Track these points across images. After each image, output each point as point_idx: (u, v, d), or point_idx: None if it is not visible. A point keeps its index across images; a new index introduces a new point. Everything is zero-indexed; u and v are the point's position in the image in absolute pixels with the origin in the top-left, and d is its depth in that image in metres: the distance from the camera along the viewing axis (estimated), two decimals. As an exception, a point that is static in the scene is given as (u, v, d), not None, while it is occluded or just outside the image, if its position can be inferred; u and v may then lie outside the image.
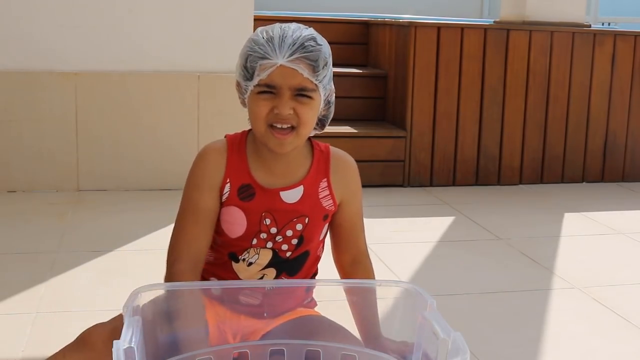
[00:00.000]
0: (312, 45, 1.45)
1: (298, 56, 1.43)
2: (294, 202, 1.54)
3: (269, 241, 1.54)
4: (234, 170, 1.54)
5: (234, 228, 1.53)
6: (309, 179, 1.55)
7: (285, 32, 1.46)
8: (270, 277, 1.57)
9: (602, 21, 8.50)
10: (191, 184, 1.56)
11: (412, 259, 3.00)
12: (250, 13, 3.96)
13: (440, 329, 1.23)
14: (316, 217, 1.56)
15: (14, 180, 3.77)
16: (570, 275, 2.88)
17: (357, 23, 5.05)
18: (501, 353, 2.19)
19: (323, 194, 1.57)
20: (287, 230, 1.54)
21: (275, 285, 1.55)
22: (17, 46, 3.73)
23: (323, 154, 1.59)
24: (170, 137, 3.90)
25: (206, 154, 1.58)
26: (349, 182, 1.60)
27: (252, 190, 1.53)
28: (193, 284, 1.51)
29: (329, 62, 1.49)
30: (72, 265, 2.74)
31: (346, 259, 1.65)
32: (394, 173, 4.27)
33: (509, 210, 3.89)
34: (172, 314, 1.37)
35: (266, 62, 1.44)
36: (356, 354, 1.38)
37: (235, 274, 1.56)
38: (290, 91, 1.45)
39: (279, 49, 1.44)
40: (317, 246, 1.62)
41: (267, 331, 1.51)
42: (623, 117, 4.66)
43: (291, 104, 1.45)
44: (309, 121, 1.49)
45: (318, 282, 1.60)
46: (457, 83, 4.34)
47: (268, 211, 1.53)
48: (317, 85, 1.47)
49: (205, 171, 1.55)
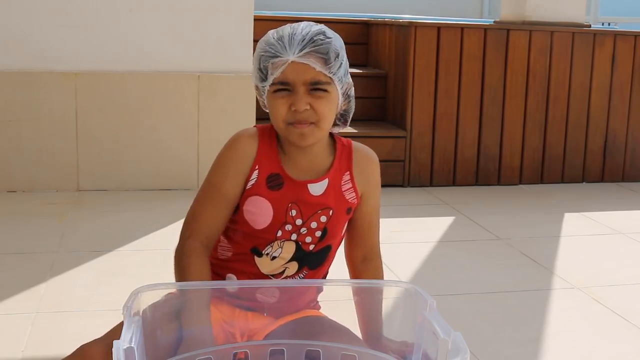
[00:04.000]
0: (321, 39, 1.47)
1: (308, 50, 1.46)
2: (319, 194, 1.56)
3: (293, 233, 1.55)
4: (264, 158, 1.55)
5: (259, 219, 1.54)
6: (332, 172, 1.57)
7: (294, 30, 1.48)
8: (292, 270, 1.57)
9: (602, 21, 8.50)
10: (218, 166, 1.56)
11: (412, 259, 3.00)
12: (250, 13, 3.96)
13: (440, 329, 1.22)
14: (340, 210, 1.58)
15: (14, 180, 3.77)
16: (570, 275, 2.88)
17: (357, 23, 5.05)
18: (501, 353, 2.19)
19: (346, 186, 1.59)
20: (312, 222, 1.55)
21: (283, 285, 1.55)
22: (17, 46, 3.73)
23: (345, 148, 1.61)
24: (170, 137, 3.90)
25: (238, 138, 1.57)
26: (370, 177, 1.63)
27: (281, 180, 1.54)
28: (193, 284, 1.50)
29: (342, 54, 1.51)
30: (71, 265, 2.74)
31: (358, 255, 1.67)
32: (394, 173, 4.27)
33: (509, 210, 3.89)
34: (175, 313, 1.37)
35: (278, 60, 1.46)
36: (356, 354, 1.38)
37: (257, 268, 1.56)
38: (304, 86, 1.47)
39: (289, 45, 1.46)
40: (338, 242, 1.63)
41: (270, 331, 1.51)
42: (623, 117, 4.66)
43: (307, 99, 1.47)
44: (328, 115, 1.51)
45: (322, 282, 1.60)
46: (457, 83, 4.34)
47: (294, 202, 1.54)
48: (331, 78, 1.49)
49: (234, 155, 1.55)
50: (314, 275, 1.61)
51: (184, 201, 3.66)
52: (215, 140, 3.97)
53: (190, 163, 3.93)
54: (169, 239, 1.58)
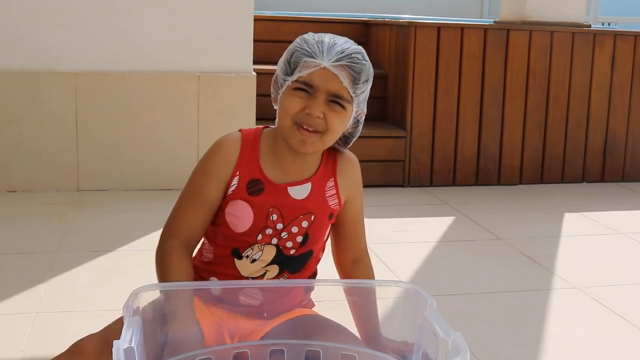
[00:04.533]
0: (358, 59, 1.48)
1: (343, 63, 1.46)
2: (301, 198, 1.55)
3: (274, 237, 1.55)
4: (245, 164, 1.55)
5: (240, 222, 1.54)
6: (317, 177, 1.57)
7: (335, 40, 1.49)
8: (272, 273, 1.57)
9: (602, 21, 8.50)
10: (200, 170, 1.57)
11: (412, 259, 3.00)
12: (250, 13, 3.96)
13: (440, 329, 1.22)
14: (322, 215, 1.57)
15: (14, 180, 3.77)
16: (570, 275, 2.88)
17: (357, 23, 5.05)
18: (501, 353, 2.19)
19: (330, 192, 1.58)
20: (293, 226, 1.55)
21: (275, 285, 1.55)
22: (17, 46, 3.73)
23: (331, 153, 1.61)
24: (170, 137, 3.90)
25: (221, 144, 1.58)
26: (353, 181, 1.63)
27: (261, 185, 1.54)
28: (192, 284, 1.51)
29: (370, 81, 1.52)
30: (71, 265, 2.74)
31: (347, 258, 1.66)
32: (394, 173, 4.27)
33: (509, 210, 3.89)
34: (165, 315, 1.37)
35: (311, 61, 1.46)
36: (356, 354, 1.38)
37: (237, 270, 1.56)
38: (325, 95, 1.47)
39: (327, 52, 1.46)
40: (320, 247, 1.62)
41: (266, 331, 1.51)
42: (623, 117, 4.66)
43: (323, 108, 1.47)
44: (336, 130, 1.51)
45: (318, 282, 1.60)
46: (457, 83, 4.34)
47: (275, 207, 1.54)
48: (352, 98, 1.49)
49: (216, 161, 1.56)
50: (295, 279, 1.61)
51: (184, 201, 3.67)
52: (215, 140, 3.97)
53: (190, 163, 3.91)
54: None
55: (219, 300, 1.52)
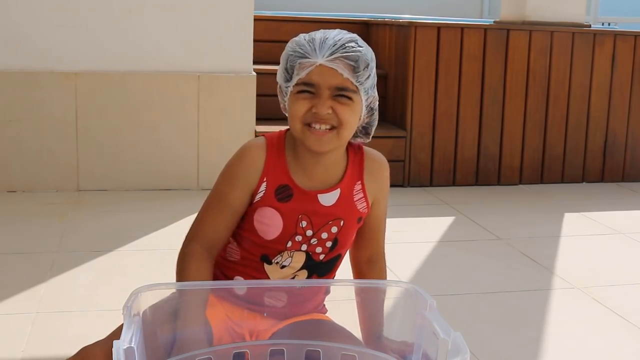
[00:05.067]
0: (352, 47, 1.45)
1: (338, 56, 1.44)
2: (330, 205, 1.54)
3: (303, 244, 1.54)
4: (272, 170, 1.53)
5: (269, 230, 1.52)
6: (345, 182, 1.55)
7: (327, 35, 1.47)
8: (301, 278, 1.57)
9: (602, 21, 8.50)
10: (225, 177, 1.55)
11: (412, 259, 3.00)
12: (250, 13, 3.96)
13: (440, 329, 1.22)
14: (351, 220, 1.57)
15: (14, 180, 3.77)
16: (570, 275, 2.88)
17: (357, 23, 5.05)
18: (501, 353, 2.19)
19: (358, 196, 1.57)
20: (323, 233, 1.54)
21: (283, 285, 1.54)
22: (17, 46, 3.73)
23: (357, 155, 1.59)
24: (170, 137, 3.90)
25: (247, 150, 1.55)
26: (381, 182, 1.61)
27: (290, 192, 1.52)
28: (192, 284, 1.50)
29: (371, 65, 1.49)
30: (71, 265, 2.74)
31: (363, 256, 1.66)
32: (394, 173, 4.26)
33: (509, 210, 3.89)
34: (174, 312, 1.37)
35: (306, 61, 1.45)
36: (356, 354, 1.38)
37: (267, 274, 1.55)
38: (329, 91, 1.45)
39: (319, 48, 1.44)
40: (347, 249, 1.62)
41: (273, 332, 1.51)
42: (623, 117, 4.66)
43: (330, 104, 1.45)
44: (349, 122, 1.48)
45: (323, 282, 1.60)
46: (457, 83, 4.34)
47: (305, 214, 1.52)
48: (357, 87, 1.46)
49: (241, 168, 1.53)
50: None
51: (184, 201, 3.68)
52: (215, 140, 3.98)
53: (190, 163, 3.93)
54: (169, 239, 1.58)
55: (242, 298, 1.51)
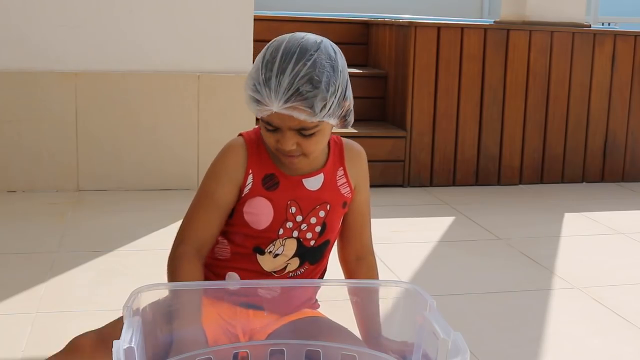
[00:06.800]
0: (307, 90, 1.39)
1: (292, 103, 1.40)
2: (316, 189, 1.57)
3: (294, 230, 1.56)
4: (256, 162, 1.56)
5: (260, 219, 1.55)
6: (328, 167, 1.59)
7: (284, 68, 1.40)
8: (293, 266, 1.59)
9: (602, 21, 8.50)
10: (211, 176, 1.57)
11: (412, 259, 3.00)
12: (250, 13, 3.96)
13: (440, 329, 1.22)
14: (336, 204, 1.60)
15: (14, 180, 3.77)
16: (570, 275, 2.88)
17: (357, 23, 5.05)
18: (501, 353, 2.19)
19: (341, 181, 1.61)
20: (312, 217, 1.57)
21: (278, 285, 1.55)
22: (17, 46, 3.73)
23: (337, 144, 1.63)
24: (170, 137, 3.90)
25: (229, 148, 1.58)
26: (360, 170, 1.65)
27: (276, 179, 1.56)
28: (193, 284, 1.50)
29: (334, 90, 1.43)
30: (71, 265, 2.74)
31: (351, 254, 1.67)
32: (394, 173, 4.27)
33: (509, 210, 3.89)
34: (169, 314, 1.37)
35: (262, 107, 1.44)
36: (356, 354, 1.38)
37: (260, 265, 1.57)
38: (291, 130, 1.45)
39: (274, 94, 1.40)
40: (335, 237, 1.65)
41: (271, 331, 1.51)
42: (623, 117, 4.66)
43: (295, 140, 1.47)
44: (318, 148, 1.51)
45: (320, 282, 1.60)
46: (457, 83, 4.34)
47: (293, 199, 1.56)
48: (320, 122, 1.45)
49: (226, 164, 1.56)
50: (314, 269, 1.62)
51: (184, 201, 3.66)
52: (215, 140, 3.97)
53: (190, 163, 3.93)
54: (169, 239, 1.58)
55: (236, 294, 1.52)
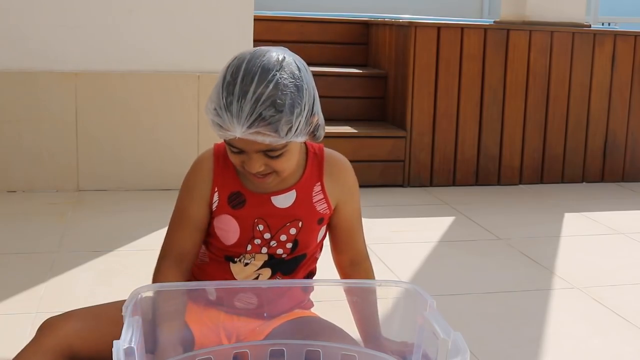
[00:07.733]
0: (271, 115, 1.33)
1: (256, 129, 1.34)
2: (286, 206, 1.53)
3: (263, 247, 1.54)
4: (221, 179, 1.53)
5: (227, 235, 1.54)
6: (302, 183, 1.54)
7: (245, 91, 1.33)
8: (265, 276, 1.56)
9: (602, 21, 8.50)
10: (182, 191, 1.58)
11: (412, 259, 3.00)
12: (250, 13, 3.96)
13: (440, 329, 1.22)
14: (310, 221, 1.55)
15: (14, 180, 3.77)
16: (570, 275, 2.88)
17: (357, 23, 5.05)
18: (501, 353, 2.19)
19: (317, 197, 1.55)
20: (281, 235, 1.53)
21: (273, 285, 1.55)
22: (17, 46, 3.73)
23: (317, 157, 1.56)
24: (170, 138, 3.90)
25: (197, 163, 1.58)
26: (343, 184, 1.57)
27: (242, 197, 1.52)
28: (192, 284, 1.51)
29: (299, 109, 1.36)
30: (71, 265, 2.74)
31: (345, 260, 1.65)
32: (394, 173, 4.26)
33: (509, 210, 3.89)
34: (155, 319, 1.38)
35: (225, 133, 1.38)
36: (356, 354, 1.38)
37: (232, 274, 1.56)
38: (257, 153, 1.40)
39: (236, 119, 1.34)
40: (315, 249, 1.61)
41: (268, 332, 1.51)
42: (623, 117, 4.66)
43: (262, 161, 1.42)
44: (289, 165, 1.46)
45: (317, 282, 1.60)
46: (457, 83, 4.34)
47: (260, 217, 1.52)
48: (287, 142, 1.40)
49: (194, 180, 1.56)
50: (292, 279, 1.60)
51: (184, 201, 3.66)
52: (215, 140, 3.96)
53: (190, 163, 3.92)
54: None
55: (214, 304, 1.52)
